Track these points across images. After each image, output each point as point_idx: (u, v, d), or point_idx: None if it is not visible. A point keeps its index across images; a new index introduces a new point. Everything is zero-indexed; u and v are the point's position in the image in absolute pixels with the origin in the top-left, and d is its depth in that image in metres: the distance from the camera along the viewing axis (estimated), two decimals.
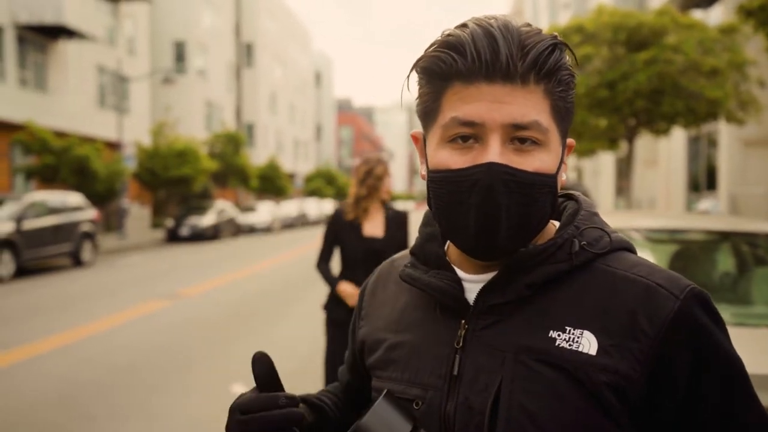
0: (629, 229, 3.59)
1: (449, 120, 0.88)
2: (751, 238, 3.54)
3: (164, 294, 11.23)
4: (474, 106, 0.87)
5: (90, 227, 16.18)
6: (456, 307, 0.95)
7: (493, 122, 0.86)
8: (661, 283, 0.89)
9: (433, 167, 0.92)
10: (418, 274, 1.00)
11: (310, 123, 64.56)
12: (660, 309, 0.86)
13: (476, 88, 0.87)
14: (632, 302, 0.87)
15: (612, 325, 0.87)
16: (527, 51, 0.85)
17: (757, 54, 12.89)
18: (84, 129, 24.86)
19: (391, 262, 1.16)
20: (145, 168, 26.22)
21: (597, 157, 25.74)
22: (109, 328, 8.44)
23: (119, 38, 27.91)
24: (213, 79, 39.49)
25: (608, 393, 0.84)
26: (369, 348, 1.08)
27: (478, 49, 0.85)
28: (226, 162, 33.45)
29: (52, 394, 5.63)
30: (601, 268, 0.92)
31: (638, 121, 13.62)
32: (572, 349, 0.87)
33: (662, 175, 21.71)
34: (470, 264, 0.97)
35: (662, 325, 0.85)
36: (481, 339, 0.92)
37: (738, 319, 3.00)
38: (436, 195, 0.91)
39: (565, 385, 0.86)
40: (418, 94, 0.94)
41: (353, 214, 3.95)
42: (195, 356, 7.02)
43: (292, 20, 58.08)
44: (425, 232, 1.03)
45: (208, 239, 25.36)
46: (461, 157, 0.88)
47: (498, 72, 0.85)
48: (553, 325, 0.89)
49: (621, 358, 0.85)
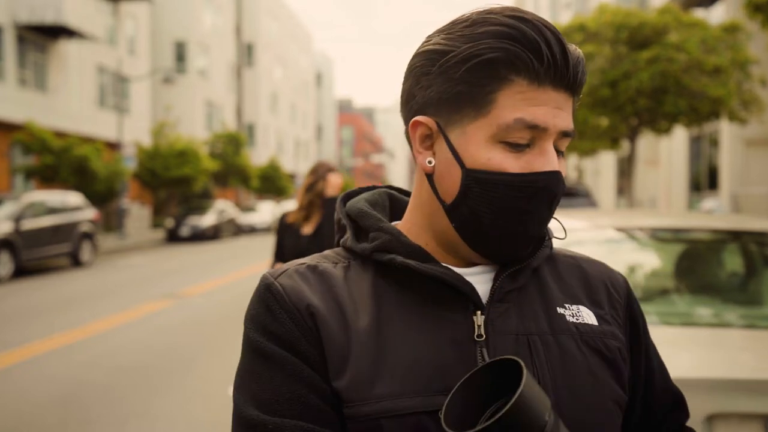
0: (634, 228, 3.52)
1: (512, 121, 0.84)
2: (759, 238, 3.47)
3: (164, 294, 11.18)
4: (540, 110, 0.85)
5: (89, 227, 16.14)
6: (469, 298, 0.88)
7: (554, 128, 0.87)
8: (602, 262, 1.05)
9: (479, 166, 0.86)
10: (417, 263, 0.87)
11: (311, 123, 64.55)
12: (618, 280, 1.02)
13: (544, 91, 0.85)
14: (601, 277, 1.01)
15: (597, 297, 0.98)
16: (576, 61, 0.87)
17: (760, 52, 12.83)
18: (84, 129, 24.83)
19: (311, 268, 0.92)
20: (146, 168, 26.20)
21: (598, 156, 25.67)
22: (108, 329, 8.38)
23: (120, 38, 27.88)
24: (214, 79, 39.47)
25: (620, 358, 0.94)
26: (332, 369, 0.84)
27: (554, 53, 0.84)
28: (227, 162, 33.43)
29: (50, 395, 5.58)
30: (560, 254, 1.03)
31: (640, 120, 13.56)
32: (581, 322, 0.93)
33: (663, 175, 21.64)
34: (454, 260, 0.92)
35: (624, 293, 1.01)
36: (500, 328, 0.88)
37: (747, 320, 2.93)
38: (485, 197, 0.86)
39: (593, 359, 0.91)
40: (451, 78, 0.85)
41: (293, 218, 4.12)
42: (195, 357, 6.97)
43: (293, 20, 58.07)
44: (389, 227, 0.92)
45: (209, 239, 25.33)
46: (516, 161, 0.86)
47: (564, 80, 0.86)
48: (554, 303, 0.94)
49: (613, 323, 0.96)
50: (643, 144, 20.78)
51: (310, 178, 4.14)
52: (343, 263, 0.94)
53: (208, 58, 38.75)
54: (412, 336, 0.86)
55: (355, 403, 0.82)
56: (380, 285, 0.90)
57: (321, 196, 4.07)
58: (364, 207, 0.97)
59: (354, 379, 0.83)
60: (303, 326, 0.86)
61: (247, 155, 35.51)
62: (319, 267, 0.93)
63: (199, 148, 28.34)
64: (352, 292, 0.90)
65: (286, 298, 0.87)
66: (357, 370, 0.83)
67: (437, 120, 0.89)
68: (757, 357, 2.39)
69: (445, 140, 0.88)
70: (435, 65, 0.87)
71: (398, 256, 0.89)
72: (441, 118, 0.88)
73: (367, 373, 0.83)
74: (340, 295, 0.89)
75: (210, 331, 8.34)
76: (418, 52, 0.90)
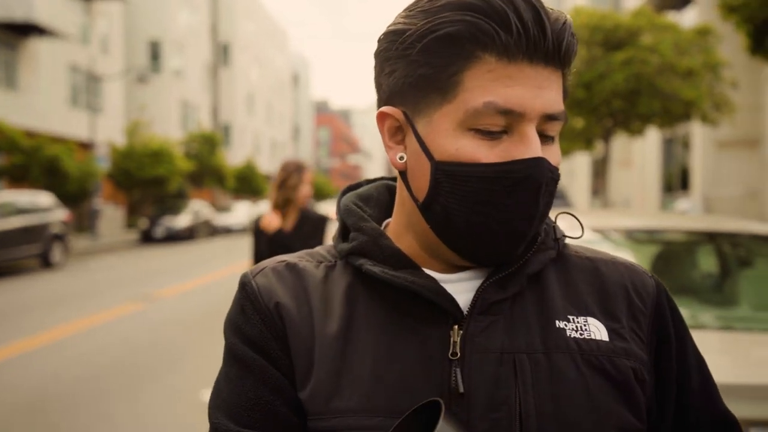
0: (610, 229, 3.51)
1: (482, 105, 0.73)
2: (733, 239, 3.49)
3: (138, 296, 10.99)
4: (515, 91, 0.73)
5: (61, 228, 15.84)
6: (445, 309, 0.78)
7: (533, 111, 0.74)
8: (631, 263, 0.89)
9: (448, 158, 0.75)
10: (392, 272, 0.80)
11: (288, 124, 64.24)
12: (645, 286, 0.86)
13: (517, 68, 0.73)
14: (621, 282, 0.85)
15: (612, 307, 0.83)
16: (560, 30, 0.74)
17: (731, 55, 13.02)
18: (55, 128, 24.40)
19: (293, 266, 0.86)
20: (119, 168, 25.89)
21: (572, 157, 25.90)
22: (78, 332, 8.21)
23: (92, 36, 27.44)
24: (189, 79, 39.08)
25: (633, 380, 0.79)
26: (299, 375, 0.80)
27: (525, 22, 0.71)
28: (202, 162, 33.15)
29: (16, 402, 5.43)
30: (574, 255, 0.88)
31: (615, 122, 13.69)
32: (585, 338, 0.79)
33: (637, 176, 21.90)
34: (437, 263, 0.82)
35: (652, 301, 0.85)
36: (482, 344, 0.77)
37: (723, 322, 2.93)
38: (455, 191, 0.75)
39: (594, 381, 0.78)
40: (414, 61, 0.76)
41: (276, 224, 4.01)
42: (168, 361, 6.84)
43: (269, 21, 57.74)
44: (370, 227, 0.84)
45: (184, 240, 25.05)
46: (490, 150, 0.74)
47: (541, 52, 0.73)
48: (555, 315, 0.81)
49: (631, 339, 0.81)
50: (616, 145, 21.00)
51: (281, 175, 4.04)
52: (328, 262, 0.88)
53: (184, 57, 38.35)
54: (381, 349, 0.79)
55: (314, 416, 0.77)
56: (356, 290, 0.83)
57: (294, 189, 3.97)
58: (351, 203, 0.89)
59: (314, 390, 0.78)
60: (273, 328, 0.81)
61: (222, 155, 35.25)
62: (298, 265, 0.87)
63: (174, 148, 28.07)
64: (327, 294, 0.83)
65: (259, 299, 0.82)
66: (317, 381, 0.78)
67: (404, 110, 0.79)
68: (734, 360, 2.38)
69: (412, 131, 0.78)
70: (393, 47, 0.77)
71: (369, 261, 0.82)
72: (408, 107, 0.78)
73: (327, 385, 0.78)
74: (312, 297, 0.83)
75: (184, 334, 8.21)
76: (380, 36, 0.80)
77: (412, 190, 0.80)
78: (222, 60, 46.99)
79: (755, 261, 3.67)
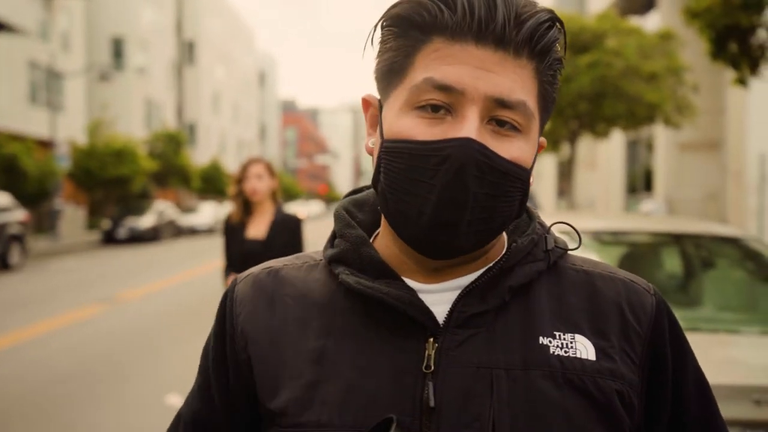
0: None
1: (421, 81, 0.73)
2: (697, 240, 3.54)
3: (99, 299, 10.75)
4: (456, 68, 0.71)
5: (19, 229, 15.43)
6: (420, 322, 0.76)
7: (475, 91, 0.72)
8: (632, 278, 0.84)
9: (391, 136, 0.75)
10: (368, 282, 0.79)
11: (254, 123, 63.77)
12: (644, 305, 0.81)
13: (462, 48, 0.72)
14: (616, 299, 0.80)
15: (604, 325, 0.79)
16: (525, 18, 0.72)
17: (695, 58, 13.30)
18: (14, 126, 23.76)
19: (275, 272, 0.87)
20: (81, 167, 25.39)
21: (539, 159, 26.24)
22: (37, 336, 7.98)
23: (52, 32, 26.81)
24: (153, 77, 38.48)
25: (618, 403, 0.76)
26: (266, 387, 0.80)
27: (472, 3, 0.71)
28: (167, 162, 32.70)
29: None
30: (570, 267, 0.84)
31: (580, 124, 13.88)
32: (570, 356, 0.76)
33: (602, 178, 22.24)
34: (416, 270, 0.79)
35: (649, 322, 0.80)
36: (458, 358, 0.75)
37: (688, 323, 2.96)
38: (390, 169, 0.74)
39: (573, 401, 0.74)
40: (382, 49, 0.78)
41: (237, 217, 4.02)
42: (130, 365, 6.70)
43: (235, 19, 57.24)
44: (353, 234, 0.83)
45: (148, 241, 24.64)
46: (429, 128, 0.73)
47: (491, 34, 0.71)
48: (540, 331, 0.77)
49: (621, 360, 0.77)
50: (582, 147, 21.30)
51: (238, 173, 4.06)
52: (314, 267, 0.87)
53: (148, 55, 37.75)
54: (356, 361, 0.77)
55: (287, 427, 0.77)
56: (335, 298, 0.82)
57: (241, 184, 3.97)
58: (342, 208, 0.88)
59: (287, 401, 0.78)
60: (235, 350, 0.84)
61: (187, 155, 34.84)
62: (281, 272, 0.87)
63: (138, 147, 27.67)
64: (307, 303, 0.83)
65: (234, 312, 0.85)
66: (291, 393, 0.78)
67: (379, 98, 0.80)
68: (699, 361, 2.40)
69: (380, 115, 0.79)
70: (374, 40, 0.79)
71: (348, 269, 0.81)
72: (381, 93, 0.79)
73: (300, 397, 0.77)
74: (290, 307, 0.83)
75: (147, 337, 8.05)
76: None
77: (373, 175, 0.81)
78: (187, 58, 46.42)
79: (717, 262, 3.74)
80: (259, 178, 3.92)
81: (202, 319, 9.21)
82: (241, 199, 3.97)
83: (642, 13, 19.32)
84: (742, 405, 2.28)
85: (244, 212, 3.98)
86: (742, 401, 2.27)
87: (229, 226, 4.09)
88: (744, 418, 2.28)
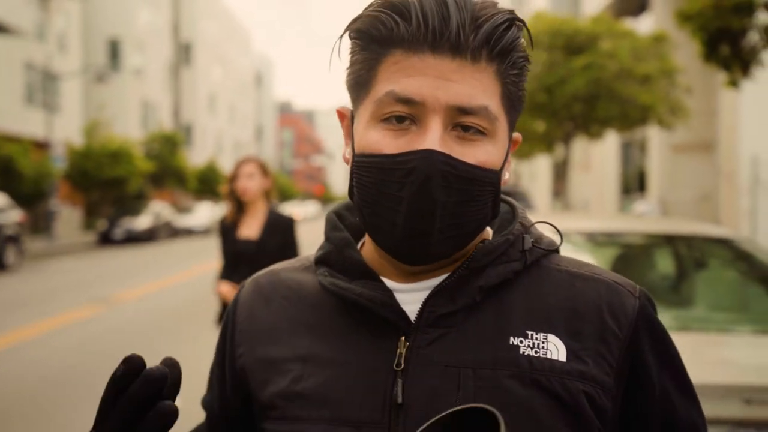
0: (571, 232, 3.58)
1: (384, 95, 0.75)
2: (689, 241, 3.59)
3: (95, 300, 10.75)
4: (415, 80, 0.73)
5: (15, 229, 15.40)
6: (393, 321, 0.79)
7: (435, 102, 0.73)
8: (617, 280, 0.83)
9: (360, 150, 0.78)
10: (344, 283, 0.83)
11: (251, 124, 63.67)
12: (624, 307, 0.79)
13: (420, 59, 0.73)
14: (596, 301, 0.79)
15: (579, 326, 0.78)
16: (481, 23, 0.73)
17: (687, 61, 13.37)
18: (10, 127, 23.71)
19: (274, 274, 0.93)
20: (77, 168, 25.32)
21: (534, 160, 26.27)
22: (33, 337, 7.99)
23: (49, 34, 26.75)
24: (149, 78, 38.40)
25: (586, 404, 0.75)
26: (258, 381, 0.85)
27: (425, 13, 0.72)
28: (163, 163, 32.63)
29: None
30: (552, 267, 0.84)
31: (575, 125, 13.94)
32: (540, 357, 0.76)
33: (596, 179, 22.30)
34: (395, 272, 0.83)
35: (629, 325, 0.79)
36: (428, 357, 0.78)
37: (680, 322, 3.01)
38: (362, 184, 0.77)
39: (540, 401, 0.75)
40: (350, 62, 0.80)
41: (230, 217, 4.03)
42: None
43: (232, 20, 57.16)
44: (338, 237, 0.86)
45: (144, 242, 24.59)
46: (395, 140, 0.75)
47: (446, 42, 0.73)
48: (511, 331, 0.78)
49: (594, 363, 0.77)
50: (576, 148, 21.36)
51: (231, 172, 4.08)
52: (313, 267, 0.92)
53: (144, 56, 37.67)
54: (338, 358, 0.82)
55: (275, 420, 0.82)
56: (323, 298, 0.87)
57: (232, 181, 3.99)
58: (334, 212, 0.92)
59: (276, 395, 0.83)
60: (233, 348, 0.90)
61: (184, 156, 34.76)
62: (280, 274, 0.93)
63: (134, 148, 27.60)
64: (302, 302, 0.88)
65: (236, 315, 0.92)
66: (278, 387, 0.83)
67: (352, 109, 0.83)
68: (691, 360, 2.44)
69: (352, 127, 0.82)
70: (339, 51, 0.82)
71: (329, 270, 0.85)
72: (354, 105, 0.82)
73: (286, 391, 0.82)
74: (284, 306, 0.89)
75: (144, 338, 8.06)
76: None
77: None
78: (183, 59, 46.32)
79: (710, 263, 3.78)
80: (250, 177, 3.90)
81: (198, 320, 9.23)
82: (234, 198, 3.98)
83: (636, 15, 19.40)
84: (733, 404, 2.32)
85: (236, 212, 3.98)
86: (733, 400, 2.31)
87: (224, 226, 4.10)
88: (734, 417, 2.32)
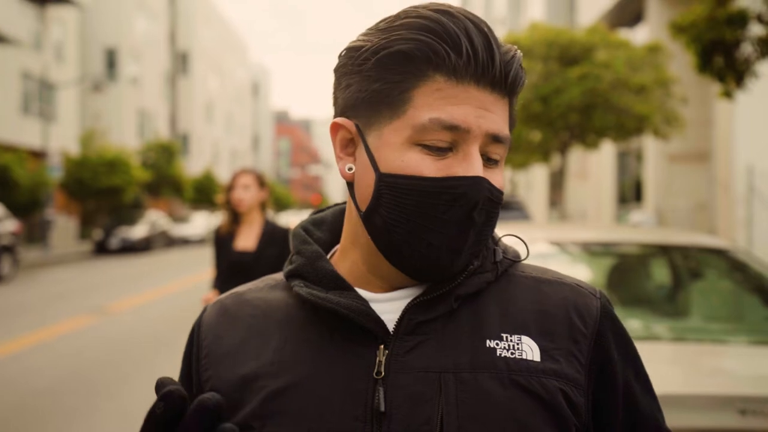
0: (567, 242, 3.58)
1: (428, 121, 0.77)
2: (685, 251, 3.59)
3: (90, 310, 10.71)
4: (461, 109, 0.77)
5: (10, 239, 15.36)
6: (371, 330, 0.81)
7: (478, 130, 0.78)
8: (579, 283, 0.88)
9: (393, 170, 0.78)
10: (321, 293, 0.83)
11: (248, 133, 63.72)
12: (589, 307, 0.85)
13: (464, 89, 0.77)
14: (563, 302, 0.84)
15: (550, 327, 0.82)
16: (509, 61, 0.79)
17: (682, 71, 13.44)
18: (6, 137, 23.69)
19: (239, 296, 0.93)
20: (73, 178, 25.26)
21: (530, 170, 26.33)
22: (26, 347, 7.94)
23: (46, 43, 26.78)
24: (146, 88, 38.44)
25: (563, 402, 0.79)
26: (230, 404, 0.83)
27: (475, 47, 0.77)
28: (160, 172, 32.60)
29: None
30: (518, 274, 0.88)
31: (571, 135, 13.99)
32: (516, 357, 0.80)
33: (592, 188, 22.35)
34: (376, 283, 0.85)
35: (594, 324, 0.84)
36: (408, 364, 0.79)
37: (675, 333, 3.01)
38: (396, 204, 0.78)
39: (521, 401, 0.77)
40: (362, 76, 0.80)
41: (225, 227, 4.03)
42: (121, 375, 6.68)
43: (228, 30, 57.30)
44: (309, 250, 0.88)
45: (140, 252, 24.53)
46: (434, 163, 0.78)
47: (489, 77, 0.78)
48: (488, 334, 0.81)
49: (566, 361, 0.81)
50: (573, 158, 21.42)
51: (227, 182, 4.09)
52: (281, 284, 0.92)
53: (141, 65, 37.72)
54: (314, 369, 0.82)
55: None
56: (293, 311, 0.87)
57: (229, 191, 3.99)
58: (301, 227, 0.93)
59: (250, 415, 0.82)
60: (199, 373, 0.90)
61: (180, 165, 34.74)
62: (244, 295, 0.93)
63: (130, 157, 27.58)
64: (270, 319, 0.88)
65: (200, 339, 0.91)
66: (251, 407, 0.82)
67: (357, 122, 0.82)
68: (686, 371, 2.45)
69: (363, 143, 0.82)
70: (351, 62, 0.81)
71: (302, 282, 0.86)
72: (360, 120, 0.82)
73: (260, 409, 0.81)
74: (251, 325, 0.88)
75: (139, 348, 8.03)
76: (341, 52, 0.84)
77: (357, 201, 0.83)
78: (180, 68, 46.39)
79: (705, 273, 3.79)
80: (246, 188, 3.92)
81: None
82: (229, 209, 3.99)
83: (631, 26, 19.51)
84: (728, 415, 2.31)
85: (232, 222, 3.99)
86: (728, 411, 2.31)
87: (219, 237, 4.09)
88: (729, 428, 2.31)
